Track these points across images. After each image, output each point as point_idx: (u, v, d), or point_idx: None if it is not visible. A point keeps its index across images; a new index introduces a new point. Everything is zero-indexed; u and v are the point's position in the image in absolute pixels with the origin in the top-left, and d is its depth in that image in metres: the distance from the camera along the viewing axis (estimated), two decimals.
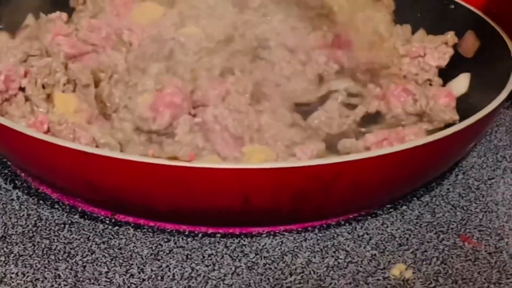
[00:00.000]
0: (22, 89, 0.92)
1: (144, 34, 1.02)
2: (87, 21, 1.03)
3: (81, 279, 0.77)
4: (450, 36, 1.03)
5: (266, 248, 0.81)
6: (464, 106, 0.96)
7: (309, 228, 0.83)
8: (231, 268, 0.79)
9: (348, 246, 0.82)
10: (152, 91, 0.91)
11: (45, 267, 0.78)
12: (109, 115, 0.93)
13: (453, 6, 1.06)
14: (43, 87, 0.92)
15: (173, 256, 0.80)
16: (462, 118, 0.86)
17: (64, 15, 1.04)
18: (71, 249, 0.80)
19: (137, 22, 1.03)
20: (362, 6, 1.08)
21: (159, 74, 0.94)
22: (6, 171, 0.91)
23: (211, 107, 0.90)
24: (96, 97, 0.93)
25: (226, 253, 0.80)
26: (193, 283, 0.77)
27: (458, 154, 0.91)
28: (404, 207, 0.87)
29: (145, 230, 0.83)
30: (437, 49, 1.02)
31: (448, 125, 0.91)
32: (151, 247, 0.81)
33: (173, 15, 1.02)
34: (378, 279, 0.78)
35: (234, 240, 0.82)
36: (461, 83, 1.01)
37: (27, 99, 0.92)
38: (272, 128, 0.90)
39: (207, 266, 0.79)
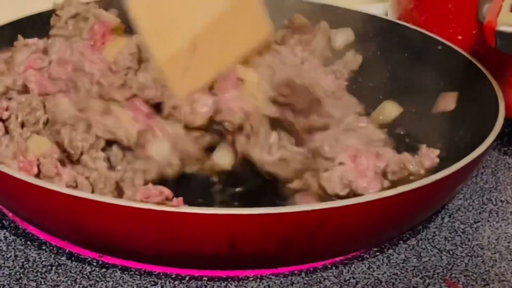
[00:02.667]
0: (1, 120, 0.92)
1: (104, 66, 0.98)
2: (57, 52, 0.98)
3: None
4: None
5: None
6: (452, 148, 0.97)
7: (296, 272, 0.83)
8: None
9: None
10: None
11: None
12: (77, 160, 0.90)
13: (440, 47, 1.07)
14: (23, 125, 0.91)
15: None
16: (450, 160, 0.86)
17: (42, 42, 0.99)
18: None
19: (102, 58, 0.97)
20: None
21: None
22: None
23: None
24: (58, 144, 0.91)
25: None
26: None
27: (445, 198, 0.91)
28: (391, 250, 0.87)
29: (132, 272, 0.83)
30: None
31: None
32: None
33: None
34: None
35: (221, 283, 0.82)
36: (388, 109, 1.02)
37: (6, 131, 0.91)
38: None
39: None
